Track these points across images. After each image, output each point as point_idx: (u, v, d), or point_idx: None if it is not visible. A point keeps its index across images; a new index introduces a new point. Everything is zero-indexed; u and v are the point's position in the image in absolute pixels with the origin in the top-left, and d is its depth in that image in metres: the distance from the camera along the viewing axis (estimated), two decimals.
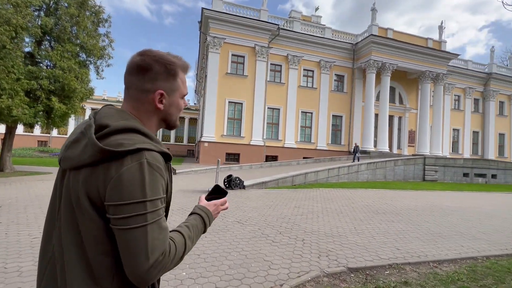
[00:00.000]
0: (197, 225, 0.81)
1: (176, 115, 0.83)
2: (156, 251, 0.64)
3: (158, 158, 0.69)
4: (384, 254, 3.54)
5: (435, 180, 16.56)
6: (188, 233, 0.76)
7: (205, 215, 0.84)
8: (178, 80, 0.80)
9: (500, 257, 3.71)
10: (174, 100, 0.80)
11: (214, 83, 19.19)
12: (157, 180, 0.67)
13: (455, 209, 7.25)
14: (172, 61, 0.78)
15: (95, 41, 11.66)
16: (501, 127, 28.76)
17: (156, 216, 0.66)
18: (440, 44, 23.37)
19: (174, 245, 0.69)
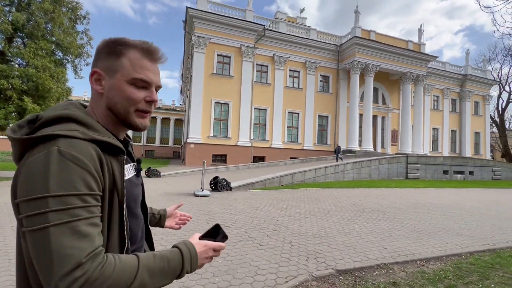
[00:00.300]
0: (169, 260, 0.61)
1: (121, 103, 0.67)
2: (67, 263, 0.49)
3: (80, 146, 0.56)
4: (372, 254, 3.50)
5: (417, 178, 17.08)
6: (150, 263, 0.58)
7: (186, 253, 0.65)
8: (124, 59, 0.67)
9: (483, 252, 3.78)
10: (115, 82, 0.67)
11: (200, 83, 18.87)
12: (72, 172, 0.53)
13: (437, 206, 7.44)
14: (119, 39, 0.68)
15: (72, 39, 11.12)
16: (476, 126, 30.22)
17: (66, 216, 0.51)
18: (420, 47, 24.24)
19: (112, 265, 0.53)
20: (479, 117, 30.49)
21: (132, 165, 0.78)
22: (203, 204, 6.49)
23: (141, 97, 0.69)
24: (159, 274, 0.59)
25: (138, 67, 0.67)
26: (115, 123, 0.70)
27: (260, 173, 12.87)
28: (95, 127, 0.63)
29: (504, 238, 4.56)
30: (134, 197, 0.74)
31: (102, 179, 0.60)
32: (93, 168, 0.57)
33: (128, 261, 0.56)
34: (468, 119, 29.28)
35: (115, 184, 0.63)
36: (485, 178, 19.95)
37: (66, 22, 11.07)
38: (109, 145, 0.62)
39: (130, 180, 0.72)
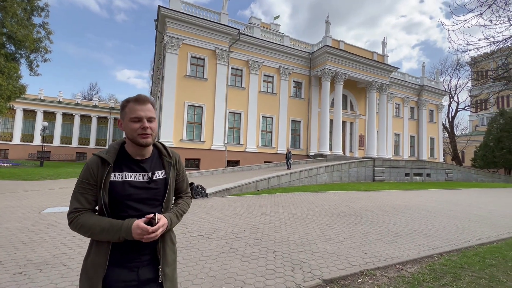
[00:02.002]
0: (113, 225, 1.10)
1: (130, 133, 1.19)
2: (69, 209, 1.14)
3: (93, 159, 1.18)
4: (354, 260, 3.55)
5: (383, 180, 18.20)
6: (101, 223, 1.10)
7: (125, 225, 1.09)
8: (126, 110, 1.20)
9: (451, 253, 4.05)
10: (125, 123, 1.20)
11: (172, 85, 18.18)
12: (83, 171, 1.16)
13: (405, 208, 7.93)
14: (126, 99, 1.23)
15: (28, 32, 9.98)
16: (431, 132, 33.28)
17: (76, 189, 1.16)
18: (383, 58, 26.10)
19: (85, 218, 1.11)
20: (433, 124, 33.62)
21: (141, 174, 1.22)
22: None
23: (138, 127, 1.18)
24: (106, 232, 1.09)
25: (132, 111, 1.18)
26: (133, 146, 1.22)
27: (235, 178, 12.68)
28: (108, 150, 1.22)
29: (466, 237, 4.96)
30: (128, 194, 1.17)
31: (96, 176, 1.15)
32: (92, 170, 1.15)
33: (92, 219, 1.11)
34: (424, 125, 32.12)
35: (102, 180, 1.14)
36: (440, 180, 21.93)
37: (20, 13, 9.91)
38: (103, 159, 1.17)
39: (126, 182, 1.18)
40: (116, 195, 1.14)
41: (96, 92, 56.52)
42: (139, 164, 1.22)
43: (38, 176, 13.03)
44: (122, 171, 1.18)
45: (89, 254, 1.15)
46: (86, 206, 1.13)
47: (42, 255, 3.38)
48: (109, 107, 35.72)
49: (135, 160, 1.22)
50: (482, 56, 10.24)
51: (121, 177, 1.17)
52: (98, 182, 1.13)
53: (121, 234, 1.07)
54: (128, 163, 1.21)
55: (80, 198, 1.13)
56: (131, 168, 1.20)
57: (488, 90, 36.98)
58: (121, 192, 1.14)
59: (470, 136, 42.30)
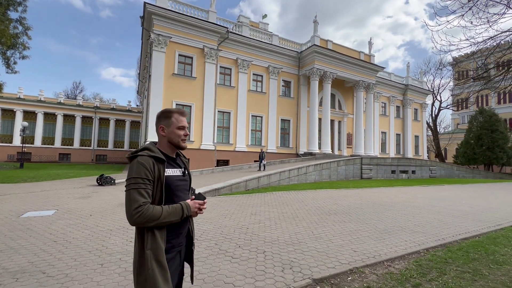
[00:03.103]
0: (176, 208, 1.36)
1: (176, 139, 1.49)
2: (135, 204, 1.27)
3: (145, 158, 1.36)
4: (344, 258, 3.57)
5: (370, 178, 18.58)
6: (167, 209, 1.33)
7: (185, 205, 1.39)
8: (173, 119, 1.49)
9: (436, 248, 4.15)
10: (171, 130, 1.48)
11: (160, 84, 17.82)
12: (140, 168, 1.33)
13: (391, 204, 8.10)
14: (168, 110, 1.53)
15: (4, 27, 9.48)
16: (416, 130, 34.28)
17: (135, 186, 1.31)
18: (370, 58, 26.60)
19: (151, 209, 1.29)
20: (417, 122, 34.64)
21: (179, 169, 1.52)
22: None
23: (182, 133, 1.50)
24: (172, 214, 1.34)
25: (180, 121, 1.50)
26: (171, 148, 1.50)
27: (225, 178, 12.58)
28: (154, 150, 1.41)
29: (449, 232, 5.11)
30: (177, 185, 1.45)
31: (153, 173, 1.35)
32: (148, 167, 1.34)
33: (158, 208, 1.31)
34: (409, 124, 33.04)
35: (160, 176, 1.37)
36: (424, 176, 22.63)
37: None
38: (158, 158, 1.39)
39: (173, 176, 1.45)
40: (170, 187, 1.40)
41: (80, 90, 54.66)
42: (176, 162, 1.53)
43: (18, 178, 12.45)
44: (170, 167, 1.46)
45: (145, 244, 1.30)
46: (148, 200, 1.30)
47: (19, 262, 3.20)
48: (94, 106, 34.62)
49: (173, 158, 1.52)
50: (463, 57, 10.60)
51: (171, 172, 1.44)
52: (156, 177, 1.35)
53: (184, 212, 1.36)
54: (170, 161, 1.49)
55: (144, 193, 1.29)
56: (173, 165, 1.49)
57: (468, 89, 38.49)
58: (174, 183, 1.42)
59: (452, 134, 43.91)
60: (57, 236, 4.24)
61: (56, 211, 6.13)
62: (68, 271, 3.02)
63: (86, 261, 3.29)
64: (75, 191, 9.41)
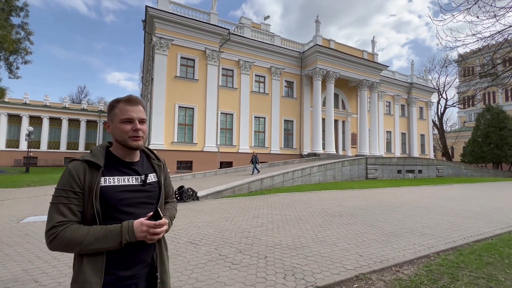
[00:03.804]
0: (111, 231, 1.00)
1: (121, 136, 1.12)
2: (49, 225, 0.98)
3: (75, 164, 1.06)
4: (349, 263, 3.41)
5: (376, 178, 18.27)
6: (96, 232, 0.99)
7: (125, 226, 1.01)
8: (116, 110, 1.13)
9: (447, 251, 3.95)
10: (114, 125, 1.14)
11: (162, 86, 17.83)
12: (65, 178, 1.04)
13: (398, 205, 7.87)
14: (113, 100, 1.17)
15: (6, 32, 9.54)
16: (421, 129, 33.75)
17: (56, 200, 1.01)
18: (373, 56, 26.30)
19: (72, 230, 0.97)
20: (423, 121, 34.11)
21: (135, 177, 1.15)
22: None
23: (129, 129, 1.12)
24: (103, 239, 0.98)
25: (123, 112, 1.12)
26: (122, 149, 1.15)
27: (228, 180, 12.47)
28: (94, 153, 1.12)
29: (460, 234, 4.89)
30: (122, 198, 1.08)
31: (82, 183, 1.03)
32: (76, 176, 1.03)
33: (82, 230, 0.98)
34: (414, 122, 32.55)
35: (91, 186, 1.04)
36: (431, 176, 22.20)
37: None
38: (91, 163, 1.07)
39: (118, 186, 1.09)
40: (109, 201, 1.05)
41: (85, 95, 55.31)
42: (131, 167, 1.17)
43: (22, 183, 12.52)
44: (113, 175, 1.11)
45: (77, 275, 1.01)
46: (71, 219, 1.00)
47: (13, 270, 3.11)
48: (98, 110, 34.94)
49: (126, 162, 1.16)
50: (469, 53, 10.28)
51: (113, 181, 1.09)
52: (86, 189, 1.03)
53: (123, 237, 0.99)
54: (119, 166, 1.14)
55: (64, 209, 1.00)
56: (123, 172, 1.14)
57: (475, 86, 37.80)
58: (115, 197, 1.07)
59: (459, 132, 43.15)
60: None
61: None
62: (61, 279, 2.92)
63: None
64: None
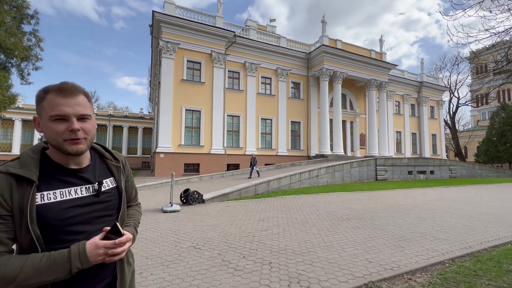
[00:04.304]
0: (56, 259, 0.78)
1: (51, 138, 0.86)
2: None
3: None
4: (358, 270, 3.24)
5: (386, 179, 17.83)
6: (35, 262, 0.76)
7: (75, 253, 0.80)
8: (44, 103, 0.86)
9: (463, 258, 3.73)
10: (43, 122, 0.87)
11: (169, 90, 18.00)
12: None
13: (410, 208, 7.59)
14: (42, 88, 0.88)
15: (17, 40, 9.80)
16: (433, 129, 32.89)
17: None
18: (381, 55, 25.84)
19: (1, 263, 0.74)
20: (434, 120, 33.24)
21: (85, 186, 0.93)
22: (172, 221, 5.86)
23: (63, 129, 0.85)
24: (45, 271, 0.76)
25: (53, 106, 0.84)
26: (59, 153, 0.89)
27: (234, 182, 12.39)
28: (23, 162, 0.84)
29: (477, 239, 4.64)
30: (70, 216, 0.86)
31: (9, 203, 0.79)
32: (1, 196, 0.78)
33: (15, 262, 0.75)
34: (425, 122, 31.75)
35: (22, 206, 0.79)
36: (443, 177, 21.52)
37: (9, 21, 9.74)
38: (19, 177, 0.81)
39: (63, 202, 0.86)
40: (51, 222, 0.83)
41: (95, 100, 56.55)
42: (77, 175, 0.93)
43: None
44: (54, 188, 0.87)
45: None
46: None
47: None
48: (108, 114, 35.62)
49: (70, 170, 0.92)
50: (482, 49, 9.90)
51: (53, 197, 0.85)
52: (15, 211, 0.79)
53: (73, 265, 0.79)
54: (61, 175, 0.90)
55: None
56: (67, 182, 0.90)
57: (488, 84, 36.64)
58: (59, 216, 0.84)
59: (473, 132, 41.81)
60: None
61: None
62: None
63: None
64: None
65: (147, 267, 3.31)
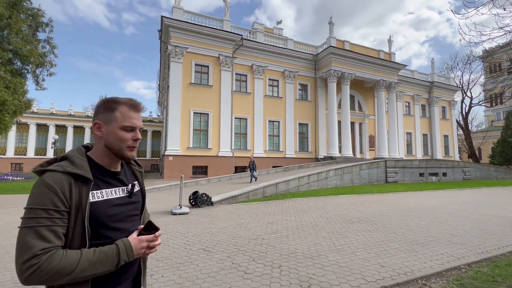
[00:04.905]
0: (107, 253, 0.87)
1: (117, 144, 0.98)
2: (26, 254, 0.76)
3: (55, 177, 0.86)
4: (370, 274, 3.18)
5: (396, 181, 17.48)
6: (89, 256, 0.84)
7: (122, 247, 0.90)
8: (117, 113, 0.98)
9: (480, 263, 3.61)
10: (110, 129, 0.98)
11: (177, 93, 18.25)
12: (43, 194, 0.83)
13: (422, 211, 7.41)
14: (112, 98, 1.01)
15: (33, 47, 10.16)
16: (444, 129, 32.09)
17: (31, 222, 0.80)
18: (390, 56, 25.47)
19: (59, 257, 0.79)
20: (446, 121, 32.44)
21: (121, 188, 1.03)
22: (181, 223, 5.90)
23: (129, 138, 1.00)
24: (98, 264, 0.85)
25: (126, 118, 0.99)
26: (110, 157, 1.01)
27: (242, 184, 12.40)
28: (75, 162, 0.92)
29: (494, 243, 4.48)
30: (113, 214, 0.96)
31: (69, 200, 0.86)
32: (60, 191, 0.84)
33: (72, 255, 0.82)
34: (437, 123, 31.02)
35: (81, 204, 0.88)
36: (457, 179, 20.93)
37: (26, 29, 10.11)
38: (78, 176, 0.89)
39: (108, 201, 0.97)
40: (99, 218, 0.92)
41: None
42: (117, 177, 1.04)
43: None
44: (101, 188, 0.97)
45: None
46: (56, 244, 0.82)
47: None
48: None
49: (112, 172, 1.03)
50: (495, 48, 9.61)
51: (101, 195, 0.95)
52: (73, 206, 0.86)
53: (121, 258, 0.89)
54: (105, 177, 1.00)
55: (46, 233, 0.80)
56: (110, 183, 1.01)
57: (503, 83, 35.54)
58: (105, 214, 0.94)
59: (487, 132, 40.56)
60: None
61: None
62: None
63: None
64: None
65: (158, 269, 3.34)
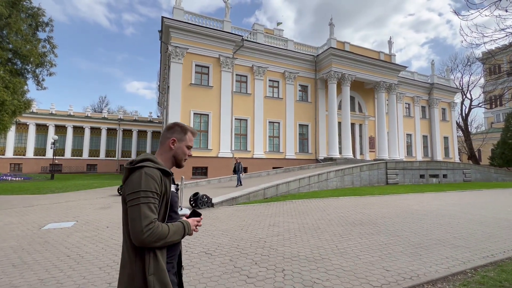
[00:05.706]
0: (179, 227, 1.26)
1: (182, 156, 1.45)
2: (147, 220, 1.13)
3: (153, 170, 1.25)
4: (375, 279, 3.12)
5: (397, 183, 17.44)
6: (173, 228, 1.23)
7: (186, 223, 1.31)
8: (186, 136, 1.46)
9: (485, 267, 3.55)
10: (181, 145, 1.44)
11: (178, 94, 18.19)
12: (150, 181, 1.20)
13: (424, 213, 7.36)
14: (185, 126, 1.48)
15: (33, 47, 10.09)
16: (444, 131, 32.08)
17: (146, 200, 1.17)
18: (390, 57, 25.48)
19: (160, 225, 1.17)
20: (446, 123, 32.44)
21: (174, 186, 1.43)
22: None
23: (187, 153, 1.47)
24: (177, 233, 1.23)
25: (191, 140, 1.48)
26: (172, 163, 1.44)
27: (243, 186, 12.33)
28: (159, 162, 1.33)
29: (499, 246, 4.42)
30: (175, 201, 1.38)
31: (161, 187, 1.25)
32: (158, 180, 1.23)
33: (165, 226, 1.20)
34: (437, 124, 31.01)
35: (166, 191, 1.29)
36: (457, 181, 20.91)
37: (25, 28, 10.05)
38: (165, 171, 1.30)
39: (173, 192, 1.36)
40: (171, 203, 1.32)
41: (106, 104, 57.71)
42: (171, 177, 1.40)
43: (47, 189, 13.06)
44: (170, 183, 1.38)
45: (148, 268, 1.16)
46: (157, 216, 1.19)
47: (29, 279, 3.11)
48: (118, 118, 36.25)
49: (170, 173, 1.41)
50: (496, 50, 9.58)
51: (170, 188, 1.34)
52: (162, 192, 1.25)
53: (186, 231, 1.28)
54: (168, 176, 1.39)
55: (153, 208, 1.18)
56: (170, 181, 1.37)
57: (502, 85, 35.58)
58: (173, 200, 1.34)
59: (486, 134, 40.61)
60: (71, 250, 4.18)
61: (76, 222, 6.19)
62: None
63: (95, 278, 3.14)
64: (97, 201, 9.61)
65: None
